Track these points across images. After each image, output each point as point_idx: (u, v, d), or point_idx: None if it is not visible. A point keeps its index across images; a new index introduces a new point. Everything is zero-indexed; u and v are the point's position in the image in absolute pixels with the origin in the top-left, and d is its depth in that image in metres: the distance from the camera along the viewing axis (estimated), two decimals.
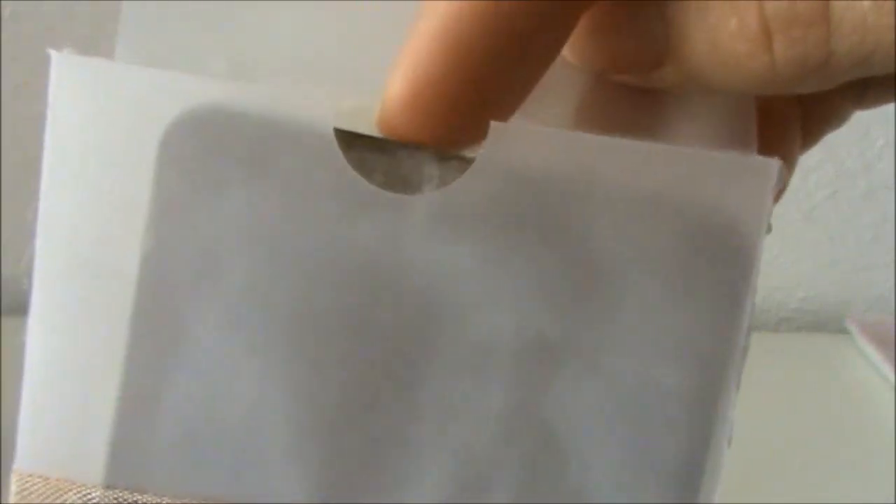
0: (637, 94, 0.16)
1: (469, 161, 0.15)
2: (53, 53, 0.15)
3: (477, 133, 0.14)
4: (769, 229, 0.16)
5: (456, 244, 0.15)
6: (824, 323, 0.75)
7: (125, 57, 0.16)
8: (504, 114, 0.14)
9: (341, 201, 0.15)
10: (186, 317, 0.15)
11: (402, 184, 0.15)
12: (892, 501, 0.53)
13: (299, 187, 0.15)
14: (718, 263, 0.15)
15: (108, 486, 0.15)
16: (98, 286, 0.15)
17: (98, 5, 0.56)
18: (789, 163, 0.18)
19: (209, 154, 0.15)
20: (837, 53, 0.12)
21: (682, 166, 0.15)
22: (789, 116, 0.18)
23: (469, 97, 0.14)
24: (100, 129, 0.15)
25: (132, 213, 0.15)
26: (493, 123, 0.14)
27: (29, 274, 0.16)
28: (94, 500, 0.15)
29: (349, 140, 0.15)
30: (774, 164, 0.15)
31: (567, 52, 0.15)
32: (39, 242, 0.15)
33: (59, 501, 0.15)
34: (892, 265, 0.74)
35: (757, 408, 0.63)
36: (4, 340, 0.61)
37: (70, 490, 0.15)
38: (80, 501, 0.15)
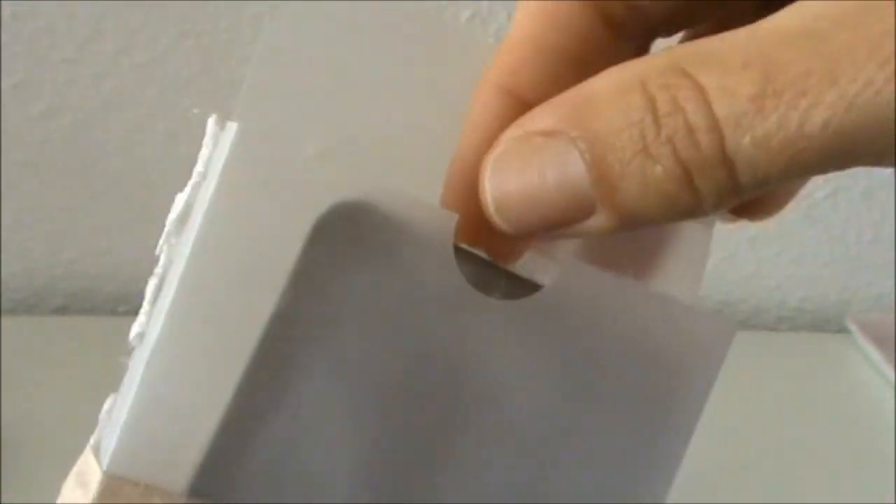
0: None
1: (534, 286, 0.19)
2: (232, 125, 0.17)
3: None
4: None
5: (508, 344, 0.19)
6: (824, 323, 0.75)
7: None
8: None
9: (441, 300, 0.18)
10: (298, 368, 0.17)
11: (478, 289, 0.19)
12: (893, 502, 0.53)
13: (413, 281, 0.18)
14: (673, 404, 0.20)
15: (191, 495, 0.17)
16: (227, 326, 0.17)
17: (98, 5, 0.56)
18: None
19: (348, 242, 0.17)
20: (743, 183, 0.15)
21: (669, 314, 0.20)
22: None
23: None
24: (261, 199, 0.17)
25: (271, 272, 0.17)
26: (557, 263, 0.19)
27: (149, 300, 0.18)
28: None
29: (458, 251, 0.18)
30: (734, 327, 0.20)
31: (500, 223, 0.17)
32: (183, 274, 0.17)
33: None
34: (892, 265, 0.74)
35: (757, 407, 0.63)
36: (4, 340, 0.61)
37: (155, 495, 0.17)
38: None
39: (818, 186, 0.70)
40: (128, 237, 0.63)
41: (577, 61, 0.19)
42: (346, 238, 0.17)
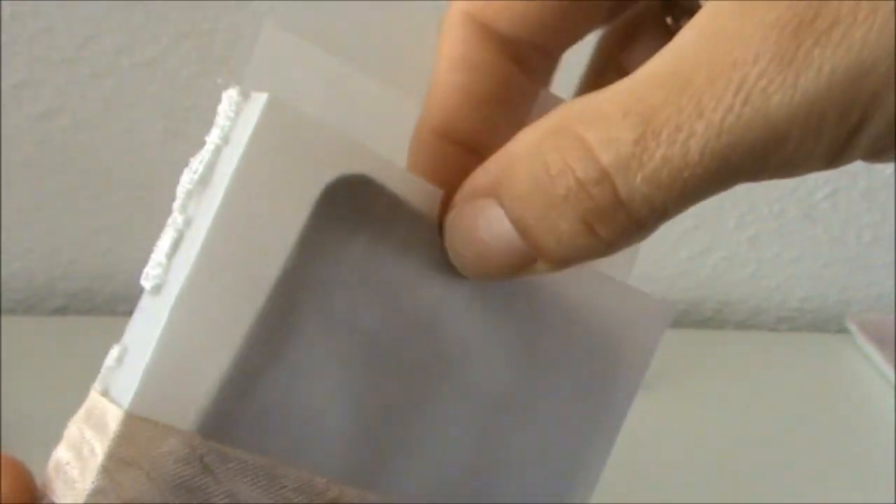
0: None
1: None
2: (259, 96, 0.18)
3: None
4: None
5: (476, 313, 0.21)
6: (824, 323, 0.75)
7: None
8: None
9: (423, 269, 0.20)
10: (297, 324, 0.19)
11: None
12: (893, 501, 0.53)
13: (401, 251, 0.20)
14: (613, 376, 0.23)
15: (205, 436, 0.18)
16: (244, 282, 0.18)
17: (98, 5, 0.56)
18: None
19: (348, 211, 0.19)
20: (644, 218, 0.17)
21: (611, 292, 0.22)
22: None
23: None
24: (280, 166, 0.18)
25: (282, 235, 0.18)
26: None
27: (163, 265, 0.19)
28: (193, 446, 0.18)
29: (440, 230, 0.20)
30: (670, 307, 0.23)
31: (467, 274, 0.20)
32: (209, 232, 0.18)
33: (161, 445, 0.18)
34: (892, 265, 0.74)
35: (757, 407, 0.63)
36: (4, 340, 0.61)
37: (171, 435, 0.18)
38: (179, 446, 0.18)
39: (818, 186, 0.70)
40: (128, 237, 0.63)
41: (502, 101, 0.21)
42: (347, 208, 0.19)
